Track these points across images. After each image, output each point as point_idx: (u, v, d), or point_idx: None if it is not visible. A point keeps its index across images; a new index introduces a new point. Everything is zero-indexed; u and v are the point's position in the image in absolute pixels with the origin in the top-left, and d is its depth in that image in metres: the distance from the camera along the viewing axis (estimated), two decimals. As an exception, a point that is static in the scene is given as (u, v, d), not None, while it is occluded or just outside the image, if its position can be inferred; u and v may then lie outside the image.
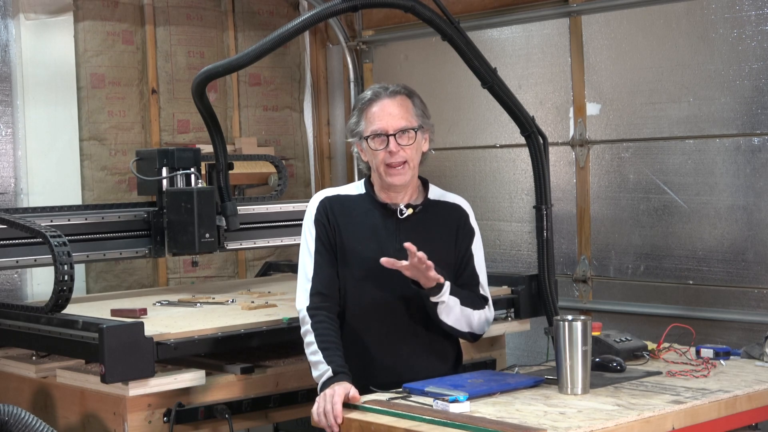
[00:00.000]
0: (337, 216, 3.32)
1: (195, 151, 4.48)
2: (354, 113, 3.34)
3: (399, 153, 3.23)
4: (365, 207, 3.35)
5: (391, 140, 3.24)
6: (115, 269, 5.40)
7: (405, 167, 3.26)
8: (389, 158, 3.24)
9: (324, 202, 3.35)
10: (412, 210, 3.32)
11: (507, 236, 5.44)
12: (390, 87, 3.30)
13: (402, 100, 3.28)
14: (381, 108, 3.26)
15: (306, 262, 3.31)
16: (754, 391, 3.09)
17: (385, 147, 3.24)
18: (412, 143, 3.26)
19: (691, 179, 4.72)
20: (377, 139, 3.25)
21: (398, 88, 3.31)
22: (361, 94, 3.37)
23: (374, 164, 3.29)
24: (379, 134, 3.25)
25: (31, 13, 5.08)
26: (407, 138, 3.25)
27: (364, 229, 3.32)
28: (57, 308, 3.54)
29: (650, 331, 4.31)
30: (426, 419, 2.81)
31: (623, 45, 4.93)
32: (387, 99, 3.27)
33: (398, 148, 3.23)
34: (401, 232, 3.30)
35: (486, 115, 5.47)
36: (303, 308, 3.26)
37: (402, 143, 3.24)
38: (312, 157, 6.32)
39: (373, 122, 3.26)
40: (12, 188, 5.05)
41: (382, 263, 3.12)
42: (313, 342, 3.19)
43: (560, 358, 3.04)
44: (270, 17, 6.11)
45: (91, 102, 5.35)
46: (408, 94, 3.31)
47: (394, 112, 3.25)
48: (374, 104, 3.28)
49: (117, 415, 3.35)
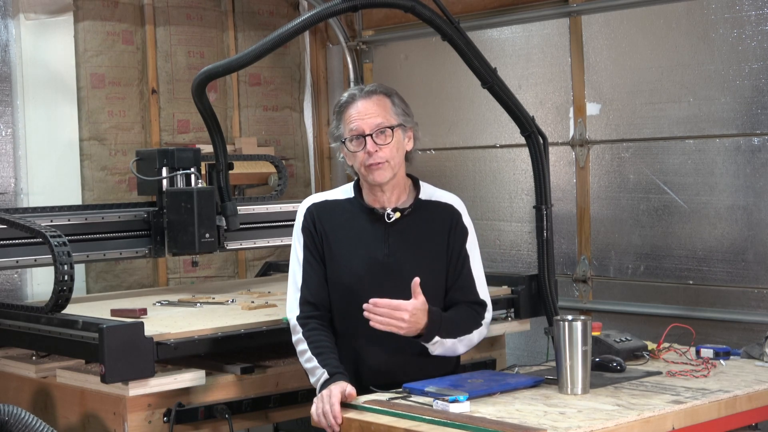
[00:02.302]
0: (324, 223, 3.30)
1: (195, 151, 4.48)
2: (333, 117, 3.31)
3: (378, 153, 3.20)
4: (353, 212, 3.32)
5: (368, 140, 3.20)
6: (115, 269, 5.40)
7: (385, 165, 3.22)
8: (368, 159, 3.20)
9: (311, 209, 3.33)
10: (400, 214, 3.29)
11: (507, 236, 5.44)
12: (365, 87, 3.27)
13: (378, 99, 3.24)
14: (356, 109, 3.23)
15: (295, 270, 3.32)
16: (754, 391, 3.10)
17: (363, 148, 3.21)
18: (390, 141, 3.22)
19: (691, 179, 4.72)
20: (355, 141, 3.22)
21: (374, 88, 3.27)
22: (338, 98, 3.33)
23: (356, 166, 3.26)
24: (357, 135, 3.22)
25: (31, 13, 5.08)
26: (385, 137, 3.21)
27: (351, 234, 3.29)
28: (57, 308, 3.53)
29: (650, 331, 4.31)
30: (426, 419, 2.81)
31: (623, 45, 4.93)
32: (362, 99, 3.24)
33: (376, 147, 3.20)
34: (390, 237, 3.28)
35: (486, 115, 5.47)
36: (293, 317, 3.26)
37: (379, 142, 3.20)
38: (312, 157, 6.32)
39: (350, 123, 3.23)
40: (12, 188, 5.05)
41: (365, 309, 3.09)
42: (307, 350, 3.19)
43: (560, 358, 3.04)
44: (270, 17, 6.11)
45: (91, 102, 5.35)
46: (385, 93, 3.27)
47: (370, 111, 3.22)
48: (350, 106, 3.25)
49: (117, 415, 3.35)
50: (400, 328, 3.09)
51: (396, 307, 3.08)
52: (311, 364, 3.17)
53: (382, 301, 3.08)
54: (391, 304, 3.08)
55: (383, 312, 3.08)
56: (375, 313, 3.08)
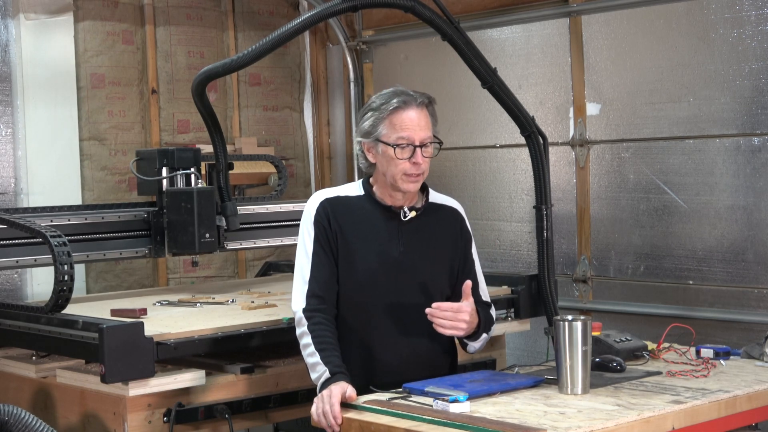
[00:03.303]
0: (339, 218, 3.29)
1: (195, 151, 4.48)
2: (371, 114, 3.26)
3: (422, 165, 3.22)
4: (366, 209, 3.33)
5: (418, 151, 3.20)
6: (115, 269, 5.40)
7: (421, 177, 3.26)
8: (412, 169, 3.21)
9: (324, 203, 3.31)
10: (415, 213, 3.32)
11: (507, 236, 5.44)
12: (418, 97, 3.24)
13: (429, 112, 3.26)
14: (410, 117, 3.21)
15: (303, 264, 3.29)
16: (754, 391, 3.10)
17: (409, 157, 3.21)
18: (432, 155, 3.26)
19: (691, 179, 4.72)
20: (405, 149, 3.21)
21: (425, 100, 3.26)
22: (380, 96, 3.27)
23: (390, 170, 3.23)
24: (408, 144, 3.21)
25: (31, 13, 5.08)
26: (430, 151, 3.24)
27: (366, 231, 3.31)
28: (57, 308, 3.53)
29: (650, 331, 4.31)
30: (426, 419, 2.81)
31: (623, 45, 4.93)
32: (416, 109, 3.22)
33: (423, 160, 3.22)
34: (403, 235, 3.30)
35: (486, 115, 5.47)
36: (299, 310, 3.25)
37: (425, 155, 3.23)
38: (312, 157, 6.32)
39: (401, 130, 3.20)
40: (12, 188, 5.05)
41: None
42: (310, 344, 3.19)
43: (560, 358, 3.04)
44: (270, 17, 6.11)
45: (91, 102, 5.35)
46: (430, 103, 3.27)
47: (423, 123, 3.22)
48: (403, 111, 3.21)
49: (117, 415, 3.35)
50: (462, 329, 3.19)
51: (458, 309, 3.17)
52: (313, 360, 3.17)
53: (444, 305, 3.17)
54: (453, 307, 3.16)
55: (447, 315, 3.16)
56: (439, 317, 3.16)
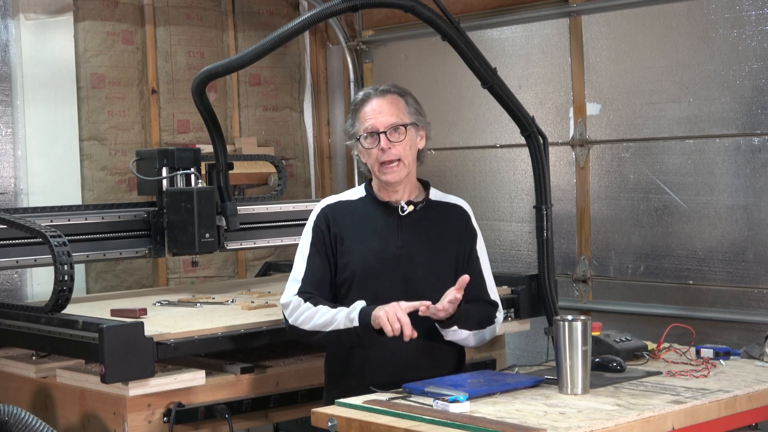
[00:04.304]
0: (339, 221, 3.35)
1: (195, 151, 4.48)
2: (349, 116, 3.41)
3: (391, 150, 3.28)
4: (366, 209, 3.38)
5: (382, 137, 3.28)
6: (115, 269, 5.40)
7: (399, 165, 3.29)
8: (382, 156, 3.28)
9: (325, 209, 3.39)
10: (413, 207, 3.35)
11: (507, 236, 5.44)
12: (380, 86, 3.37)
13: (393, 99, 3.34)
14: (371, 107, 3.32)
15: (298, 266, 3.36)
16: (754, 391, 3.09)
17: (377, 145, 3.29)
18: (403, 139, 3.30)
19: (691, 179, 4.72)
20: (369, 138, 3.30)
21: (388, 87, 3.37)
22: (354, 97, 3.43)
23: (370, 164, 3.33)
24: (371, 132, 3.30)
25: (31, 13, 5.08)
26: (398, 134, 3.29)
27: (365, 229, 3.35)
28: (57, 308, 3.54)
29: (650, 331, 4.31)
30: (426, 419, 2.81)
31: (623, 45, 4.93)
32: (377, 98, 3.33)
33: (389, 145, 3.28)
34: (403, 230, 3.33)
35: (486, 115, 5.47)
36: (291, 295, 3.29)
37: (393, 140, 3.28)
38: (312, 157, 6.32)
39: (365, 121, 3.32)
40: (12, 188, 5.05)
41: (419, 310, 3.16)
42: (319, 309, 3.23)
43: (560, 358, 3.04)
44: (270, 17, 6.11)
45: (91, 102, 5.35)
46: (399, 93, 3.37)
47: (384, 109, 3.31)
48: (365, 104, 3.34)
49: (117, 415, 3.35)
50: (441, 313, 3.18)
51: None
52: (331, 314, 3.21)
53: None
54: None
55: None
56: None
